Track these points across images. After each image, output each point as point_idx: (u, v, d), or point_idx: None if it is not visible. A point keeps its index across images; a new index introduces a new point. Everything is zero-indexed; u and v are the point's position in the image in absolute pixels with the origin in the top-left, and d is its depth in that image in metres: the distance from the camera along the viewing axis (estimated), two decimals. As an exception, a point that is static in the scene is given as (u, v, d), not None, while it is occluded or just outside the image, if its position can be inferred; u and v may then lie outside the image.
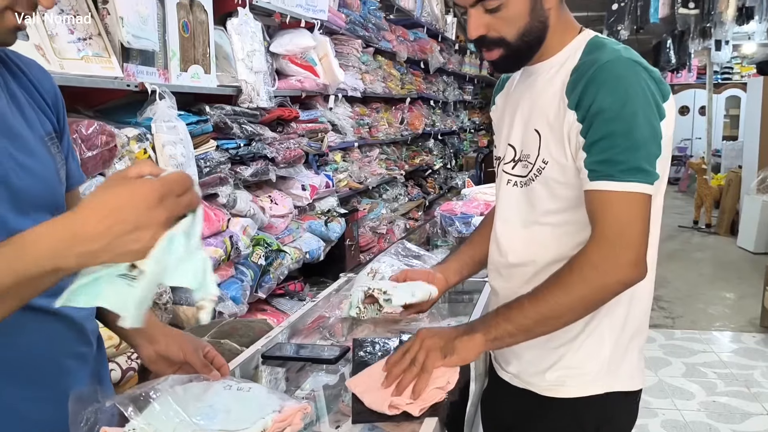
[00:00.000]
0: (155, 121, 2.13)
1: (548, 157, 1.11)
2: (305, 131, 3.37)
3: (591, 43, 1.12)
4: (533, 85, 1.17)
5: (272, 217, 3.05)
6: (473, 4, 1.08)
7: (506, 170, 1.21)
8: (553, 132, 1.09)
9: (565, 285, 1.02)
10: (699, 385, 3.26)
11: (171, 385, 0.94)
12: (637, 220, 1.01)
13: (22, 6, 0.85)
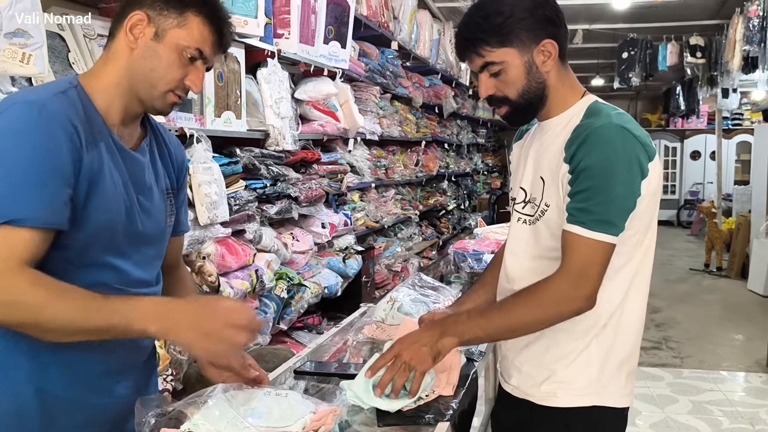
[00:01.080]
0: (193, 163, 2.32)
1: (549, 201, 1.28)
2: (326, 172, 3.57)
3: (590, 108, 1.30)
4: (542, 139, 1.35)
5: (294, 253, 3.22)
6: (480, 70, 1.29)
7: (518, 209, 1.39)
8: (553, 180, 1.27)
9: (528, 306, 1.23)
10: (705, 423, 3.34)
11: (222, 391, 1.10)
12: (596, 264, 1.19)
13: (181, 90, 1.18)
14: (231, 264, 2.60)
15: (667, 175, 13.01)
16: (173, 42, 1.16)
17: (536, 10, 1.26)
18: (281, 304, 2.96)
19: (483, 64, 1.28)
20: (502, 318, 1.25)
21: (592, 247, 1.18)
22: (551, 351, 1.30)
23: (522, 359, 1.35)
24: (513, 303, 1.25)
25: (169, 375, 2.04)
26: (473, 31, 1.27)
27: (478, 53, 1.27)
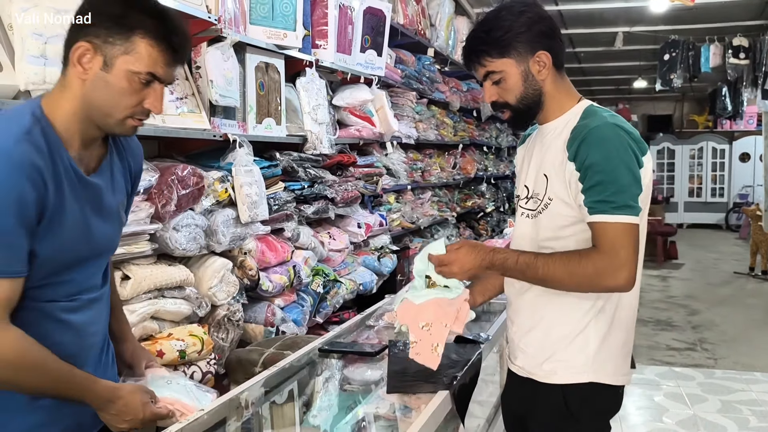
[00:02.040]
0: (235, 166, 2.52)
1: (553, 195, 1.44)
2: (362, 175, 3.74)
3: (586, 111, 1.46)
4: (543, 141, 1.51)
5: (330, 251, 3.41)
6: (484, 79, 1.47)
7: (521, 205, 1.54)
8: (558, 176, 1.43)
9: (570, 269, 1.35)
10: (733, 421, 3.37)
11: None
12: (627, 245, 1.32)
13: (141, 114, 1.25)
14: (270, 260, 2.79)
15: (715, 178, 12.75)
16: (123, 69, 1.16)
17: (533, 25, 1.43)
18: (317, 299, 3.14)
19: (485, 73, 1.46)
20: (539, 269, 1.38)
21: (620, 229, 1.31)
22: (553, 333, 1.45)
23: (527, 341, 1.51)
24: (556, 260, 1.37)
25: (212, 359, 2.24)
26: (477, 43, 1.45)
27: (481, 63, 1.46)
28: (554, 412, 1.46)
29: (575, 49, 8.40)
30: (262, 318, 2.71)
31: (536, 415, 1.50)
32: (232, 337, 2.47)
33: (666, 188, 12.92)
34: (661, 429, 3.35)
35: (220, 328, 2.41)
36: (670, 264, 8.45)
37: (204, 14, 2.39)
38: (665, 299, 6.35)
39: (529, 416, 1.53)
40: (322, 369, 1.56)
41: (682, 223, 12.55)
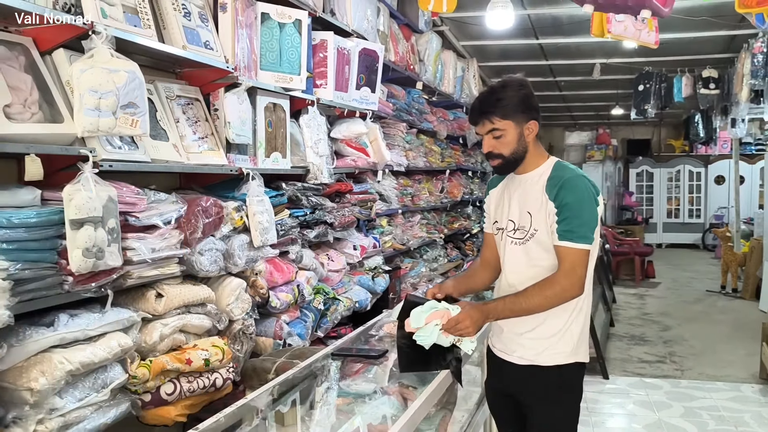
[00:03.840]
0: (249, 196, 2.85)
1: (537, 227, 1.93)
2: (357, 201, 4.08)
3: (557, 165, 2.00)
4: (523, 187, 2.01)
5: (329, 271, 3.73)
6: (486, 133, 1.96)
7: (510, 235, 2.02)
8: (540, 213, 1.93)
9: (540, 296, 1.88)
10: (694, 425, 3.72)
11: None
12: (582, 264, 1.86)
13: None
14: (277, 279, 3.12)
15: (692, 199, 13.24)
16: None
17: (527, 100, 1.94)
18: (318, 315, 3.46)
19: (491, 128, 1.95)
20: (523, 304, 1.88)
21: (578, 254, 1.86)
22: (549, 330, 1.94)
23: (526, 338, 1.98)
24: (530, 294, 1.88)
25: (231, 367, 2.55)
26: (488, 105, 1.94)
27: (490, 120, 1.94)
28: (553, 387, 1.95)
29: (556, 78, 8.84)
30: (271, 332, 3.02)
31: (535, 391, 1.97)
32: (246, 349, 2.78)
33: (645, 209, 13.39)
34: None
35: (236, 341, 2.72)
36: (647, 283, 8.84)
37: (222, 64, 2.73)
38: (641, 316, 6.71)
39: (526, 393, 2.00)
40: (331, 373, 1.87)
41: (661, 243, 13.00)
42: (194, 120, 2.75)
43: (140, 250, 2.18)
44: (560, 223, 1.87)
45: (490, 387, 2.19)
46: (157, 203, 2.34)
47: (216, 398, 2.51)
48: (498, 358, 2.09)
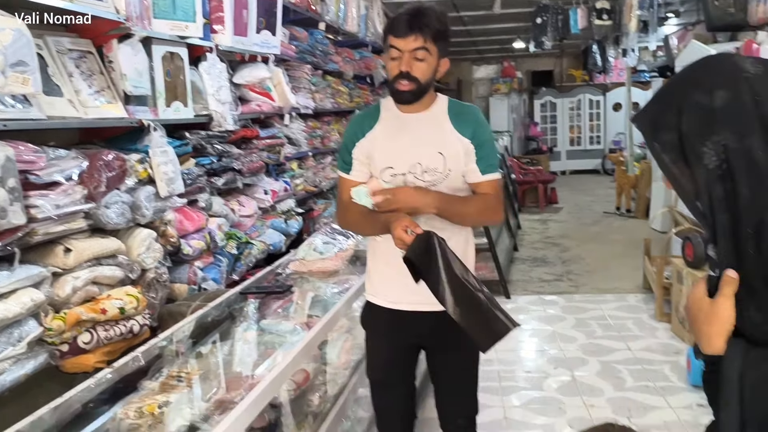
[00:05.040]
0: (152, 148, 2.88)
1: (452, 167, 1.91)
2: (265, 146, 4.15)
3: (451, 102, 1.99)
4: (424, 126, 1.93)
5: (241, 217, 3.83)
6: (412, 50, 1.81)
7: (418, 178, 1.91)
8: (454, 153, 1.90)
9: (479, 208, 1.93)
10: (583, 333, 4.15)
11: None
12: (501, 192, 1.97)
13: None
14: (188, 228, 3.19)
15: (593, 127, 13.95)
16: None
17: (449, 35, 1.91)
18: (233, 259, 3.58)
19: (419, 47, 1.80)
20: (462, 208, 1.90)
21: (498, 183, 1.95)
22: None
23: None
24: (470, 203, 1.92)
25: (147, 314, 2.65)
26: (427, 20, 1.80)
27: (423, 37, 1.79)
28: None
29: (459, 13, 8.98)
30: (185, 278, 3.12)
31: (448, 334, 1.88)
32: (161, 296, 2.88)
33: (550, 139, 14.00)
34: (528, 344, 4.07)
35: (150, 288, 2.81)
36: (551, 209, 9.39)
37: (113, 15, 2.70)
38: (543, 240, 7.20)
39: (437, 339, 1.95)
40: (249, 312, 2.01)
41: (564, 170, 13.69)
42: (89, 74, 2.72)
43: (44, 207, 2.21)
44: (483, 159, 1.89)
45: (390, 343, 2.01)
46: (57, 160, 2.35)
47: (135, 344, 2.60)
48: (396, 311, 1.97)
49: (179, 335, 2.04)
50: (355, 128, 2.01)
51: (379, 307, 2.00)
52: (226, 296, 2.05)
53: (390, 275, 1.94)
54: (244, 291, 2.06)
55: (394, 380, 2.04)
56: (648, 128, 0.99)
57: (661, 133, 0.96)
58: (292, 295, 2.03)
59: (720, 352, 0.89)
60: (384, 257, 1.96)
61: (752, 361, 0.86)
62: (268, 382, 1.36)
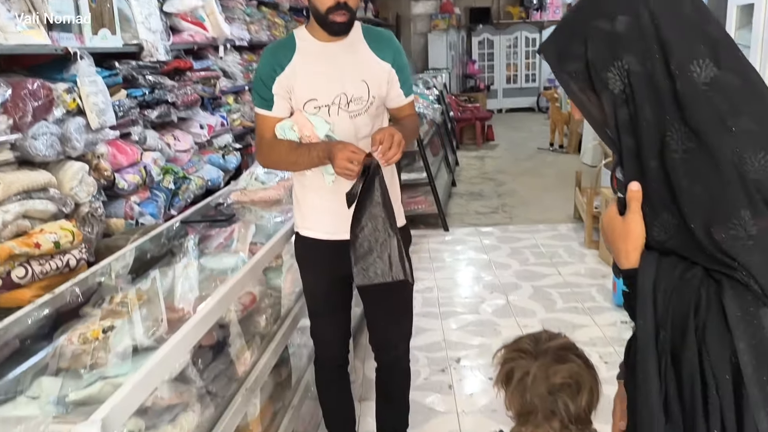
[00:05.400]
0: (80, 77, 2.76)
1: (375, 94, 1.92)
2: (199, 79, 4.03)
3: (364, 27, 1.95)
4: (344, 55, 1.90)
5: (177, 152, 3.73)
6: None
7: (344, 109, 1.89)
8: (377, 79, 1.91)
9: (413, 129, 2.04)
10: (517, 261, 4.33)
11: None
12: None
13: None
14: (122, 162, 3.10)
15: (528, 65, 14.09)
16: None
17: None
18: (170, 195, 3.51)
19: None
20: (408, 133, 1.91)
21: (413, 101, 2.06)
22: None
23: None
24: (408, 126, 1.96)
25: (83, 249, 2.59)
26: None
27: None
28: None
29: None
30: (121, 213, 3.06)
31: None
32: (97, 230, 2.81)
33: (487, 77, 14.08)
34: (465, 272, 4.22)
35: (85, 223, 2.74)
36: (487, 145, 9.55)
37: (30, -68, 2.52)
38: (480, 175, 7.35)
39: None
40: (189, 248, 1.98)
41: (501, 108, 13.86)
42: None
43: (-34, 138, 2.10)
44: (405, 82, 1.96)
45: (326, 275, 2.00)
46: (-24, 88, 2.23)
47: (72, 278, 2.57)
48: (332, 242, 1.95)
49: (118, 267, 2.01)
50: (270, 62, 1.92)
51: (314, 240, 1.99)
52: (166, 226, 2.03)
53: (324, 207, 1.94)
54: (186, 220, 2.04)
55: (331, 309, 2.07)
56: (555, 59, 1.00)
57: (568, 63, 0.96)
58: (233, 231, 2.02)
59: (636, 266, 0.94)
60: (315, 190, 1.95)
61: (664, 270, 0.91)
62: (216, 300, 1.38)
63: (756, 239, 0.84)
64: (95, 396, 1.07)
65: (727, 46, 0.92)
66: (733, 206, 0.85)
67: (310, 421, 2.35)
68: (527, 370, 1.19)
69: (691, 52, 0.89)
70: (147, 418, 1.17)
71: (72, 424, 0.87)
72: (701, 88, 0.88)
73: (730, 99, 0.88)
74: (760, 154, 0.85)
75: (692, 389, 0.87)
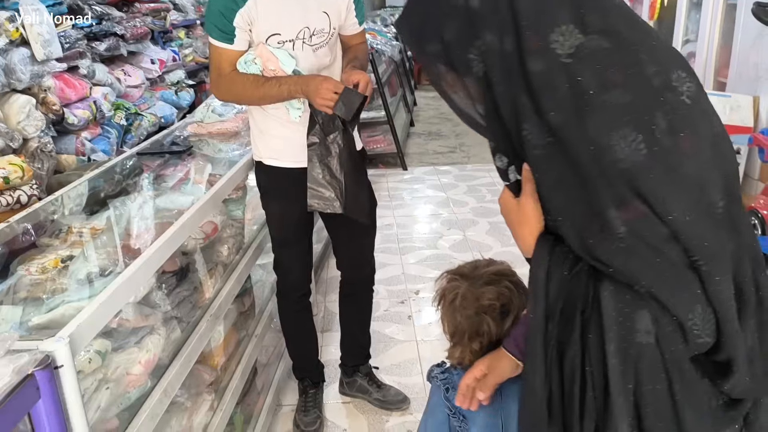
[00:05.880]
0: (22, 6, 2.62)
1: (335, 25, 1.89)
2: (149, 11, 3.87)
3: None
4: None
5: (128, 87, 3.62)
6: None
7: (307, 42, 1.86)
8: (337, 11, 1.89)
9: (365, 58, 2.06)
10: (474, 198, 4.40)
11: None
12: None
13: None
14: (71, 96, 3.00)
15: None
16: None
17: None
18: (122, 131, 3.42)
19: None
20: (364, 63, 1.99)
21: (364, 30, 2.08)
22: None
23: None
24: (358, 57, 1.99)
25: (34, 185, 2.52)
26: None
27: None
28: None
29: None
30: (72, 149, 2.97)
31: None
32: (48, 166, 2.74)
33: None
34: (423, 209, 4.28)
35: (35, 159, 2.66)
36: (445, 85, 9.49)
37: None
38: (438, 115, 7.34)
39: None
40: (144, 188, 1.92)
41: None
42: None
43: None
44: (359, 10, 1.96)
45: (291, 202, 1.97)
46: None
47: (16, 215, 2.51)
48: (298, 170, 1.92)
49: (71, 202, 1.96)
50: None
51: (280, 168, 1.98)
52: (120, 158, 1.98)
53: (289, 137, 1.93)
54: (142, 152, 1.99)
55: (298, 238, 2.08)
56: (412, 40, 0.87)
57: (426, 45, 0.84)
58: (189, 170, 1.97)
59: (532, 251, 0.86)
60: (280, 120, 1.93)
61: (555, 261, 0.83)
62: (178, 227, 1.37)
63: (627, 240, 0.75)
64: (58, 320, 1.06)
65: (595, 3, 0.78)
66: (599, 209, 0.76)
67: (273, 351, 2.39)
68: (458, 291, 1.18)
69: (553, 20, 0.76)
70: (113, 339, 1.17)
71: (39, 340, 0.87)
72: (562, 62, 0.75)
73: (597, 70, 0.75)
74: (631, 136, 0.73)
75: (571, 389, 0.81)
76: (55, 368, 0.83)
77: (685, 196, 0.75)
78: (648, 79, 0.76)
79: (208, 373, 1.56)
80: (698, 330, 0.76)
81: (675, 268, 0.76)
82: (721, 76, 3.01)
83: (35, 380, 0.79)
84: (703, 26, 3.05)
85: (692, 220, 0.75)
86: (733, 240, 0.78)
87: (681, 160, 0.75)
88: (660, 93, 0.75)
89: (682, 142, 0.75)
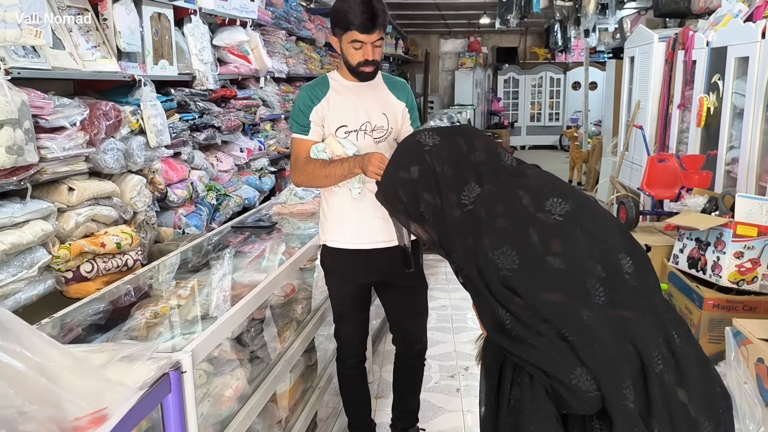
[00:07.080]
0: (143, 101, 3.15)
1: (394, 125, 2.33)
2: (242, 106, 4.42)
3: (383, 74, 2.38)
4: (371, 93, 2.33)
5: (219, 171, 4.11)
6: (375, 41, 2.20)
7: (369, 135, 2.31)
8: (395, 114, 2.33)
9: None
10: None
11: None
12: None
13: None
14: (173, 177, 3.48)
15: (552, 104, 14.45)
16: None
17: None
18: (212, 209, 3.87)
19: (380, 38, 2.20)
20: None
21: None
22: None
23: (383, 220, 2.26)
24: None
25: (139, 251, 2.95)
26: (384, 16, 2.18)
27: (383, 29, 2.20)
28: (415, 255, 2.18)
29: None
30: (170, 223, 3.42)
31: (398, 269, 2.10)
32: (150, 236, 3.17)
33: (511, 114, 14.46)
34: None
35: (140, 229, 3.10)
36: (509, 180, 9.81)
37: (109, -24, 2.94)
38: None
39: (390, 272, 2.28)
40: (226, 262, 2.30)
41: (524, 144, 14.19)
42: (86, 29, 2.96)
43: (53, 149, 2.48)
44: (414, 119, 2.39)
45: (350, 281, 2.32)
46: (62, 107, 2.61)
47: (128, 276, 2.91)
48: (358, 251, 2.28)
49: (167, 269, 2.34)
50: (310, 95, 2.34)
51: (340, 249, 2.32)
52: (214, 233, 2.37)
53: (348, 220, 2.30)
54: (236, 226, 2.37)
55: (354, 311, 2.38)
56: (385, 202, 1.35)
57: (394, 205, 1.31)
58: (265, 249, 2.34)
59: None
60: (341, 204, 2.31)
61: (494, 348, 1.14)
62: (266, 284, 1.70)
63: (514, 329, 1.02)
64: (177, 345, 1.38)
65: (489, 166, 1.20)
66: (494, 308, 1.05)
67: (332, 412, 2.63)
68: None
69: (460, 181, 1.18)
70: (214, 366, 1.47)
71: (170, 353, 1.18)
72: (467, 209, 1.15)
73: (489, 206, 1.13)
74: (508, 252, 1.05)
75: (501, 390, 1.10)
76: (181, 372, 1.14)
77: (554, 286, 1.03)
78: (525, 207, 1.10)
79: (279, 411, 1.83)
80: (584, 387, 0.96)
81: (552, 343, 0.99)
82: (762, 181, 3.20)
83: (169, 378, 1.09)
84: (744, 134, 3.28)
85: (560, 302, 1.01)
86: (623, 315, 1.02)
87: (553, 258, 1.03)
88: (533, 215, 1.08)
89: (553, 246, 1.05)
